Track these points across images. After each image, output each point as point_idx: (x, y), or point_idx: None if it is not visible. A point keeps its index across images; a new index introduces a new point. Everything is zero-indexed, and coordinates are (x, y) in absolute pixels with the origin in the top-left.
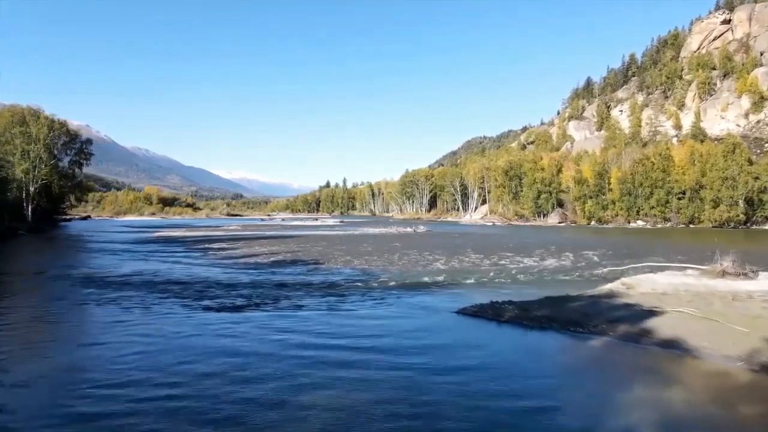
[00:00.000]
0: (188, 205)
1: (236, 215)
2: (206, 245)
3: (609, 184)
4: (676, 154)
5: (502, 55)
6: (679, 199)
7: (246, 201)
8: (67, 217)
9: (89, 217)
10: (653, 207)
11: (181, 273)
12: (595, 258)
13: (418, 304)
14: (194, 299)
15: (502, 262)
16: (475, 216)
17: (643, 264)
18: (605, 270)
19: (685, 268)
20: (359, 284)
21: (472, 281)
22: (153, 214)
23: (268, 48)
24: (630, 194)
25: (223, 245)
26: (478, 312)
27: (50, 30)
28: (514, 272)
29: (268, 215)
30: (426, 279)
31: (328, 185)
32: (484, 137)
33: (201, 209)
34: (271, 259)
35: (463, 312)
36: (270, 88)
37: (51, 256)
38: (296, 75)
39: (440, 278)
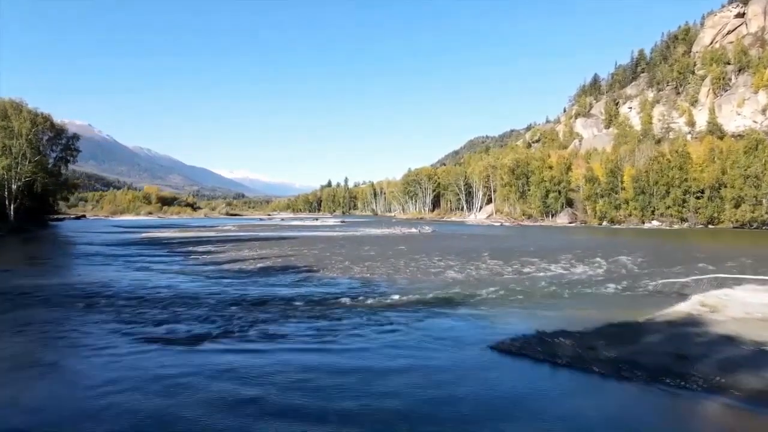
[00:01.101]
0: (188, 205)
1: (236, 215)
2: (191, 248)
3: (622, 182)
4: (694, 151)
5: (505, 54)
6: (698, 198)
7: (247, 200)
8: (60, 216)
9: (84, 216)
10: (669, 206)
11: (144, 284)
12: (632, 265)
13: (438, 334)
14: (142, 323)
15: (527, 269)
16: (480, 216)
17: (706, 276)
18: (659, 283)
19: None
20: (359, 301)
21: (499, 296)
22: (150, 213)
23: (270, 47)
24: (644, 193)
25: (210, 248)
26: (522, 348)
27: (51, 30)
28: (545, 284)
29: (269, 215)
30: (442, 293)
31: (329, 184)
32: (487, 137)
33: (201, 208)
34: (258, 265)
35: (501, 348)
36: (272, 87)
37: (7, 261)
38: (298, 74)
39: (458, 291)
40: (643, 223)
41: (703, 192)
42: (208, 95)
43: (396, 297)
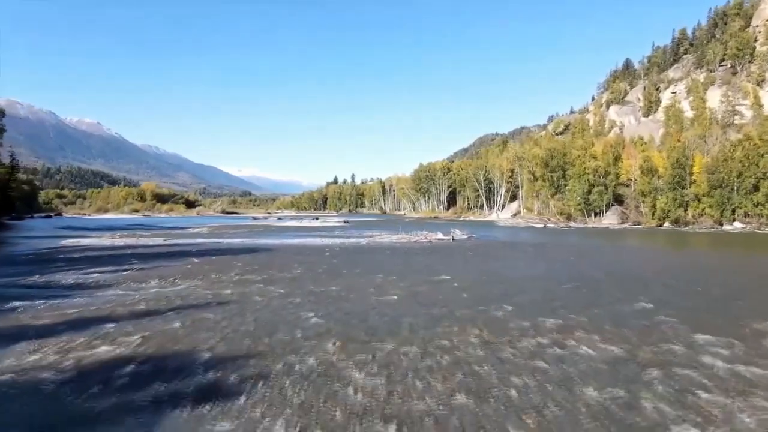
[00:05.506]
0: (185, 202)
1: (233, 213)
2: (75, 271)
3: (691, 174)
4: None
5: (511, 51)
6: None
7: (253, 198)
8: (21, 216)
9: (60, 214)
10: (758, 204)
11: None
12: None
13: None
14: None
15: None
16: (504, 214)
17: None
18: None
19: None
20: None
21: None
22: (136, 211)
23: (277, 45)
24: (723, 187)
25: (98, 274)
26: None
27: (59, 29)
28: None
29: (268, 213)
30: None
31: (335, 181)
32: (497, 134)
33: (199, 206)
34: (97, 352)
35: None
36: (281, 85)
37: None
38: (306, 72)
39: None
40: (721, 225)
41: None
42: (217, 94)
43: None
